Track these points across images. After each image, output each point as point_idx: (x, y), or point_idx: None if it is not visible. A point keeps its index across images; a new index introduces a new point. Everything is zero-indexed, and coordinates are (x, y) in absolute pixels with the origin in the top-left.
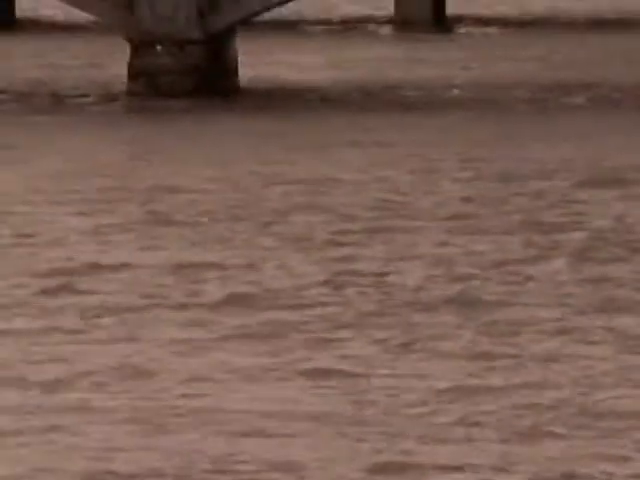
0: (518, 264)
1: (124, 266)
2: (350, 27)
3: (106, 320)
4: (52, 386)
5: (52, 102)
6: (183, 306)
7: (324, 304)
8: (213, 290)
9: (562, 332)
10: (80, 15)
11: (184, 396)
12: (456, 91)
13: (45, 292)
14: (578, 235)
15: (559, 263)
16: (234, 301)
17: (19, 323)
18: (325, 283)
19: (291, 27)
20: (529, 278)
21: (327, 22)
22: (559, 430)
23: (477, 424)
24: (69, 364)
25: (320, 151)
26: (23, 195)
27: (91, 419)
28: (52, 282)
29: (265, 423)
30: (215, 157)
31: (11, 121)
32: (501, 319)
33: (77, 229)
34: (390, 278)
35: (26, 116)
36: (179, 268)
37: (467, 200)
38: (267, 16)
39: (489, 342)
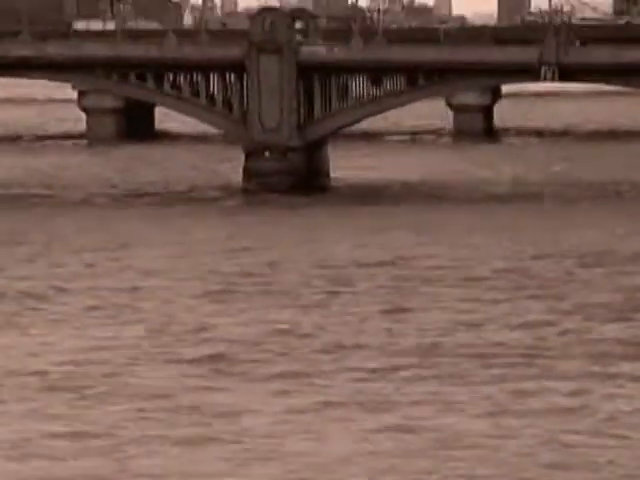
0: (542, 325)
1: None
2: (417, 137)
3: (199, 370)
4: None
5: (182, 198)
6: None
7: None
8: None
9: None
10: (206, 128)
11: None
12: (499, 187)
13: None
14: (579, 293)
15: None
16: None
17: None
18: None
19: (371, 137)
20: (546, 338)
21: (400, 133)
22: None
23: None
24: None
25: (390, 234)
26: (159, 269)
27: None
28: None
29: None
30: (309, 239)
31: (148, 212)
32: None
33: (196, 296)
34: (445, 339)
35: (160, 209)
36: (276, 328)
37: (497, 275)
38: (352, 129)
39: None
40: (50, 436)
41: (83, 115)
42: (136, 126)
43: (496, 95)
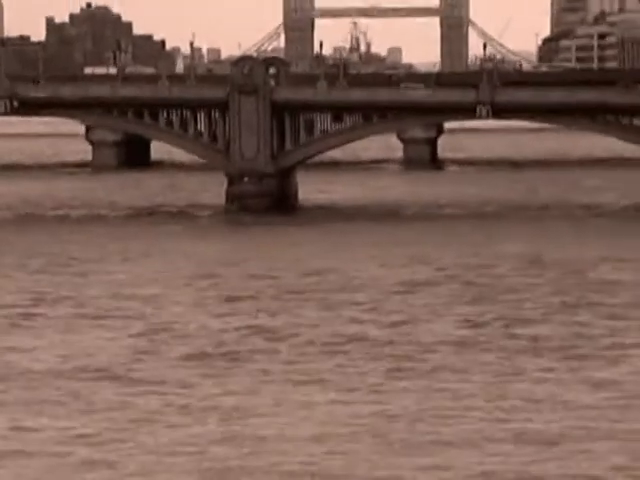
0: (479, 326)
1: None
2: (373, 166)
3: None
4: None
5: (174, 217)
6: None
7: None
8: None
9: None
10: (193, 158)
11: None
12: (443, 208)
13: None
14: (510, 297)
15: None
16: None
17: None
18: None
19: (334, 166)
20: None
21: (358, 162)
22: None
23: None
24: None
25: (352, 250)
26: (150, 280)
27: None
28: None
29: None
30: (280, 253)
31: (141, 229)
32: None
33: (181, 302)
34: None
35: (156, 227)
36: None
37: (442, 282)
38: (317, 158)
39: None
40: None
41: (89, 147)
42: (135, 156)
43: (439, 130)
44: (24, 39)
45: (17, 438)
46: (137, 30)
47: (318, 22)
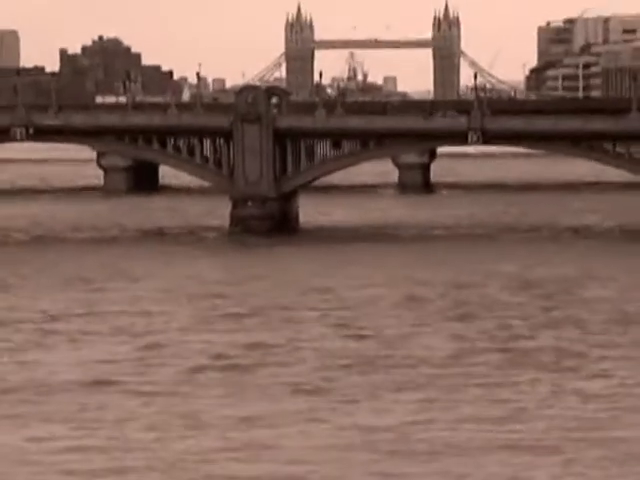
0: (471, 341)
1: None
2: (369, 189)
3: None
4: None
5: (181, 239)
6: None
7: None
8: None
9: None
10: (199, 182)
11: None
12: (437, 230)
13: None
14: (501, 313)
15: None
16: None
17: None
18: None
19: (333, 190)
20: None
21: (354, 186)
22: None
23: None
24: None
25: (351, 269)
26: (157, 298)
27: None
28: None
29: None
30: (281, 273)
31: (150, 250)
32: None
33: (186, 319)
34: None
35: (163, 248)
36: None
37: (436, 300)
38: (317, 183)
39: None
40: None
41: (101, 172)
42: (144, 181)
43: (432, 155)
44: (39, 69)
45: (32, 448)
46: (146, 61)
47: (318, 53)
